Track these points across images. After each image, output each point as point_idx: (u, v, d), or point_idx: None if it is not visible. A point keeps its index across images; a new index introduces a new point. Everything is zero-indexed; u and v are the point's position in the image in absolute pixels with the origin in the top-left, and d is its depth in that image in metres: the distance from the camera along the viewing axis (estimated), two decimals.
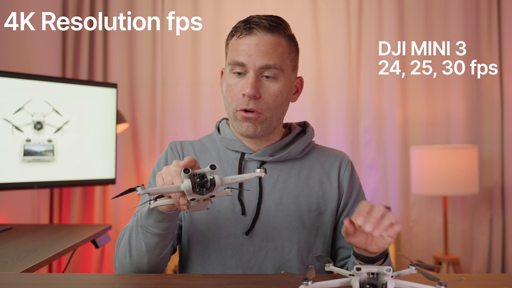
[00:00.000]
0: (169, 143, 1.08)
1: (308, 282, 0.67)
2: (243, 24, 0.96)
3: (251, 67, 0.93)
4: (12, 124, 1.76)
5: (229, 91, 0.97)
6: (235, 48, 0.96)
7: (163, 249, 0.89)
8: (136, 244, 0.89)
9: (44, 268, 2.32)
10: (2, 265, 1.12)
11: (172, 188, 0.72)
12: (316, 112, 2.77)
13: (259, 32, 0.94)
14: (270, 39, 0.94)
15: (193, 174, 0.72)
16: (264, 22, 0.94)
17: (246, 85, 0.93)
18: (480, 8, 2.74)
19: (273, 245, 0.97)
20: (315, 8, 2.79)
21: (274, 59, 0.93)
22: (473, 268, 2.70)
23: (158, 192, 0.72)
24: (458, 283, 0.79)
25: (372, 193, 2.77)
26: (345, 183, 1.04)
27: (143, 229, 0.87)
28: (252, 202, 0.98)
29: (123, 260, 0.91)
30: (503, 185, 2.70)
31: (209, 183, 0.72)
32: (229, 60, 0.97)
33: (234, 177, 0.75)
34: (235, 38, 0.97)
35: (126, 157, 2.74)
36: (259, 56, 0.93)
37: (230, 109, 0.97)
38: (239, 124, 0.96)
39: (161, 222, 0.85)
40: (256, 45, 0.93)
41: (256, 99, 0.93)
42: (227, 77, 0.98)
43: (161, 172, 0.78)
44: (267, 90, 0.94)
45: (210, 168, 0.72)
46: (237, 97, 0.95)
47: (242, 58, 0.93)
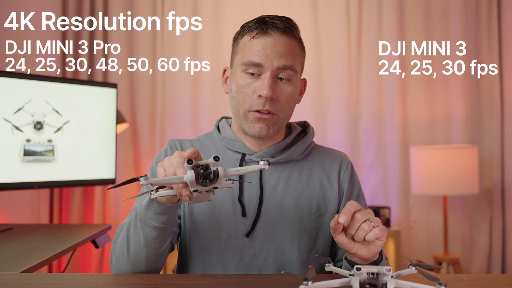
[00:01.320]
0: (168, 141, 1.08)
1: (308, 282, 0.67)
2: (257, 24, 0.94)
3: (268, 67, 0.92)
4: (12, 124, 1.76)
5: (241, 91, 0.95)
6: (249, 48, 0.94)
7: (161, 244, 0.88)
8: (134, 238, 0.87)
9: (44, 268, 2.32)
10: (2, 265, 1.12)
11: (175, 179, 0.71)
12: (316, 112, 2.77)
13: (275, 33, 0.93)
14: (286, 41, 0.93)
15: (196, 165, 0.71)
16: (279, 23, 0.93)
17: (263, 86, 0.92)
18: (480, 8, 2.74)
19: (273, 247, 0.97)
20: (315, 8, 2.79)
21: (290, 60, 0.93)
22: (473, 268, 2.70)
23: (161, 183, 0.71)
24: (458, 283, 0.79)
25: (372, 193, 2.77)
26: (345, 184, 1.04)
27: (142, 222, 0.86)
28: (252, 204, 0.98)
29: (121, 255, 0.89)
30: (503, 185, 2.70)
31: (212, 175, 0.71)
32: (243, 60, 0.94)
33: (238, 169, 0.74)
34: (248, 37, 0.95)
35: (126, 157, 2.74)
36: (276, 57, 0.92)
37: (241, 109, 0.96)
38: (251, 124, 0.95)
39: (161, 215, 0.84)
40: (273, 46, 0.92)
41: (271, 100, 0.93)
42: (238, 77, 0.96)
43: (162, 163, 0.77)
44: (282, 92, 0.94)
45: (214, 160, 0.71)
46: (251, 97, 0.94)
47: (259, 58, 0.92)
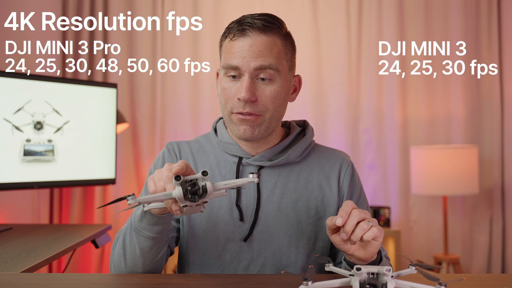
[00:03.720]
0: (166, 144, 1.07)
1: (308, 282, 0.67)
2: (235, 25, 0.92)
3: (245, 70, 0.90)
4: (12, 124, 1.76)
5: (224, 94, 0.94)
6: (228, 50, 0.93)
7: (157, 252, 0.89)
8: (130, 248, 0.88)
9: (44, 268, 2.32)
10: (2, 265, 1.12)
11: (163, 196, 0.71)
12: (316, 112, 2.77)
13: (252, 33, 0.90)
14: (264, 40, 0.90)
15: (184, 181, 0.71)
16: (257, 22, 0.91)
17: (241, 89, 0.90)
18: (480, 8, 2.74)
19: (271, 251, 0.96)
20: (315, 8, 2.79)
21: (269, 59, 0.90)
22: (473, 268, 2.70)
23: (149, 201, 0.71)
24: (458, 283, 0.79)
25: (372, 193, 2.77)
26: (345, 187, 1.02)
27: (137, 232, 0.86)
28: (250, 208, 0.97)
29: (118, 264, 0.91)
30: (503, 185, 2.70)
31: (200, 190, 0.71)
32: (223, 64, 0.94)
33: (227, 183, 0.74)
34: (228, 40, 0.94)
35: (126, 157, 2.74)
36: (253, 58, 0.89)
37: (226, 112, 0.95)
38: (236, 127, 0.94)
39: (155, 225, 0.84)
40: (250, 47, 0.90)
41: (252, 102, 0.91)
42: (221, 80, 0.95)
43: (153, 176, 0.77)
44: (263, 93, 0.91)
45: (202, 175, 0.71)
46: (232, 100, 0.92)
47: (236, 61, 0.90)
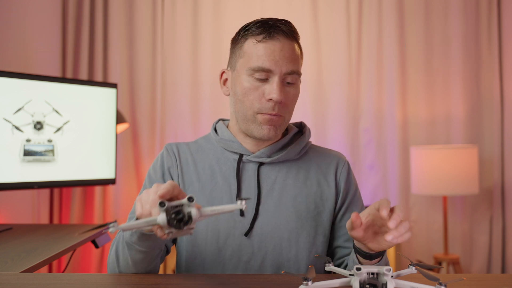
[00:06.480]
0: (165, 145, 1.07)
1: (308, 282, 0.67)
2: (261, 28, 0.94)
3: (277, 72, 0.93)
4: (12, 124, 1.76)
5: (248, 94, 0.95)
6: (256, 53, 0.93)
7: (150, 263, 0.90)
8: (123, 257, 0.89)
9: (44, 268, 2.32)
10: (2, 265, 1.12)
11: (146, 223, 0.68)
12: (316, 112, 2.77)
13: (280, 36, 0.93)
14: (291, 45, 0.95)
15: (169, 207, 0.68)
16: (283, 26, 0.94)
17: (273, 90, 0.92)
18: (480, 8, 2.74)
19: (272, 246, 0.97)
20: (315, 8, 2.79)
21: (296, 65, 0.95)
22: (473, 268, 2.70)
23: (132, 228, 0.68)
24: (458, 283, 0.79)
25: (372, 193, 2.77)
26: (342, 183, 1.05)
27: (128, 245, 0.86)
28: (250, 203, 0.98)
29: (112, 269, 0.92)
30: (503, 185, 2.70)
31: (186, 217, 0.68)
32: (251, 66, 0.93)
33: (214, 209, 0.71)
34: (254, 41, 0.94)
35: (126, 157, 2.74)
36: (285, 62, 0.93)
37: (249, 112, 0.95)
38: (259, 126, 0.96)
39: (145, 241, 0.84)
40: (281, 50, 0.93)
41: (280, 103, 0.94)
42: (243, 80, 0.95)
43: (141, 197, 0.75)
44: (288, 95, 0.95)
45: (188, 201, 0.68)
46: (260, 101, 0.94)
47: (269, 64, 0.92)
